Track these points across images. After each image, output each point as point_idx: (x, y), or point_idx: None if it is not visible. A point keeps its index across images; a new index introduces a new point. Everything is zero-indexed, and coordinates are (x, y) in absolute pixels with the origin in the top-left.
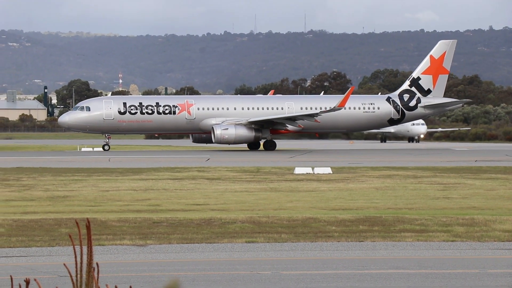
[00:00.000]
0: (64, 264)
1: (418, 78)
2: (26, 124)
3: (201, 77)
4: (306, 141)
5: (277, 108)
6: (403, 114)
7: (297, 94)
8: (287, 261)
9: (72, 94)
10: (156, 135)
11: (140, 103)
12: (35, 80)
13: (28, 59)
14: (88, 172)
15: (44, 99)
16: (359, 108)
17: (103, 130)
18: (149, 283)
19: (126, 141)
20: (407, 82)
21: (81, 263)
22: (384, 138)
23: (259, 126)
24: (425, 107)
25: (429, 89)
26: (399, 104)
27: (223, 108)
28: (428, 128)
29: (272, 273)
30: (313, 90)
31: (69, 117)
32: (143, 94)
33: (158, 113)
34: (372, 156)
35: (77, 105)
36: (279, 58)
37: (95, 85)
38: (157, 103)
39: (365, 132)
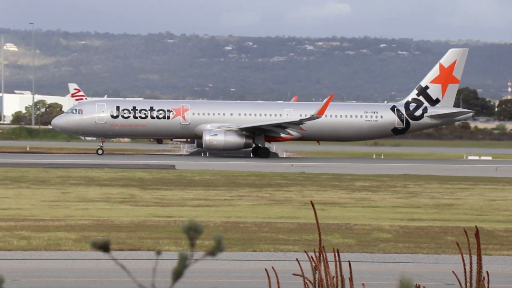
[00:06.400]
0: (453, 272)
1: (426, 87)
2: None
3: None
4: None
5: (275, 115)
6: (407, 123)
7: None
8: None
9: (459, 102)
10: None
11: (134, 107)
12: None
13: (416, 67)
14: (474, 180)
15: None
16: (361, 117)
17: (95, 134)
18: None
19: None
20: (415, 91)
21: (470, 271)
22: None
23: (251, 133)
24: (432, 116)
25: (437, 99)
26: (404, 113)
27: (218, 114)
28: None
29: None
30: None
31: (62, 120)
32: None
33: (152, 117)
34: None
35: (70, 107)
36: None
37: (483, 93)
38: (151, 108)
39: None
